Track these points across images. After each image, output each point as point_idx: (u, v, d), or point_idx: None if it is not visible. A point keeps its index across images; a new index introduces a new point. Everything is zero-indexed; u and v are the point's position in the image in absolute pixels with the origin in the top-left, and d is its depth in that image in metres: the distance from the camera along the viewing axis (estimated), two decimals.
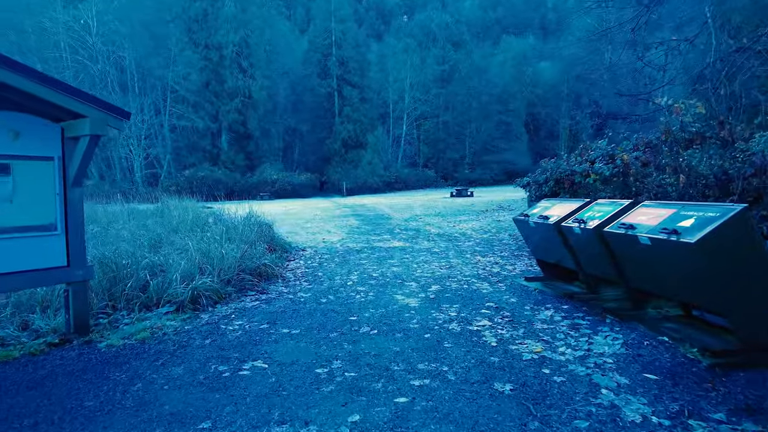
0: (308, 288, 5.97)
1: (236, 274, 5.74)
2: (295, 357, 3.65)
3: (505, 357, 3.55)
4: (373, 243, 10.14)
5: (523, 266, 7.27)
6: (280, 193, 33.44)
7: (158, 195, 13.34)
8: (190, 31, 35.49)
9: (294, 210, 19.78)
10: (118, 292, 4.88)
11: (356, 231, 12.30)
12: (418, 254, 8.55)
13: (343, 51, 40.50)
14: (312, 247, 9.59)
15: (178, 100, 34.44)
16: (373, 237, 11.11)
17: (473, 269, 7.03)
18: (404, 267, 7.27)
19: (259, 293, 5.64)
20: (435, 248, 9.21)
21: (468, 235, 11.10)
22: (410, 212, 17.14)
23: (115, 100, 31.59)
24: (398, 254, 8.58)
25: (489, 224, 13.04)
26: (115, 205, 14.47)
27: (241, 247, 6.32)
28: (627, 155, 7.00)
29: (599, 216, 4.66)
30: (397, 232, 12.01)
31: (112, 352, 3.80)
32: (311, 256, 8.51)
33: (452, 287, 5.87)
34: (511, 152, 40.79)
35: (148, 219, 11.07)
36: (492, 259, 7.97)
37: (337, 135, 39.89)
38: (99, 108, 3.77)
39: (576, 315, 4.59)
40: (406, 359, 3.55)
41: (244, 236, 8.18)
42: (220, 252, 5.95)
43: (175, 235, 8.78)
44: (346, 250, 9.14)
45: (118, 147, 32.41)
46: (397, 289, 5.80)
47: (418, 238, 10.80)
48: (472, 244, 9.69)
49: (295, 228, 13.33)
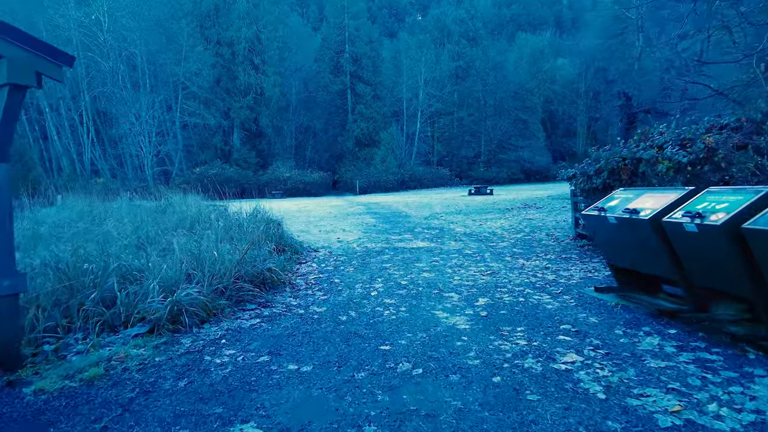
0: (323, 300, 4.70)
1: (233, 281, 4.49)
2: (306, 416, 2.38)
3: (630, 424, 2.24)
4: (394, 243, 8.86)
5: (580, 272, 5.93)
6: (292, 192, 32.32)
7: (163, 192, 12.20)
8: (202, 27, 34.54)
9: (306, 208, 18.59)
10: (75, 307, 3.66)
11: (373, 230, 11.03)
12: (448, 256, 7.24)
13: (356, 47, 39.27)
14: (326, 248, 8.34)
15: (190, 96, 33.48)
16: (392, 236, 9.83)
17: (521, 276, 5.70)
18: (437, 273, 5.98)
19: (261, 306, 4.38)
20: (466, 249, 7.90)
21: (500, 235, 9.77)
22: (429, 210, 15.82)
23: (126, 97, 30.79)
24: (425, 256, 7.28)
25: (519, 223, 11.68)
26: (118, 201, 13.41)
27: (240, 247, 5.07)
28: (711, 138, 5.65)
29: (724, 208, 3.31)
30: (418, 231, 10.72)
31: (38, 404, 2.57)
32: (325, 258, 7.25)
33: (505, 300, 4.56)
34: (527, 150, 39.14)
35: (147, 216, 9.94)
36: (538, 263, 6.63)
37: (350, 133, 38.66)
38: (23, 46, 2.54)
39: (694, 345, 3.26)
40: (476, 425, 2.26)
41: (247, 235, 6.96)
42: (213, 254, 4.69)
43: (171, 233, 7.62)
44: (365, 251, 7.88)
45: (129, 144, 31.56)
46: (435, 303, 4.50)
47: (443, 238, 9.50)
48: (508, 245, 8.35)
49: (307, 226, 12.11)
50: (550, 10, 65.88)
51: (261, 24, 35.36)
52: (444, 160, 40.85)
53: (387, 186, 34.71)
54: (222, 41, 34.63)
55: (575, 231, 8.88)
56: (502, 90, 40.81)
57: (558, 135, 44.47)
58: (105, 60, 31.28)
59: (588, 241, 8.27)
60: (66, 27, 30.61)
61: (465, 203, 18.08)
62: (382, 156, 36.97)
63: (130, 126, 30.19)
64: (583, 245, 8.17)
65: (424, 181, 36.45)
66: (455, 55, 40.82)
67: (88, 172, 32.72)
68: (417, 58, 39.02)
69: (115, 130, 31.40)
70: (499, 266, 6.40)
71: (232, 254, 4.97)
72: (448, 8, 43.54)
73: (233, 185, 32.11)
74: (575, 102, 45.07)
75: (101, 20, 30.53)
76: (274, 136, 36.35)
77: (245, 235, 7.02)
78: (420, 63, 38.77)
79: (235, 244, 6.12)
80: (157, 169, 32.96)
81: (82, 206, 12.04)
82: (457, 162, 40.74)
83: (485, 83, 40.52)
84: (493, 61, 41.54)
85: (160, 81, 32.95)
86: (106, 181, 30.88)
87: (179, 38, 32.48)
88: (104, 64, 31.29)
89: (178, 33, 32.59)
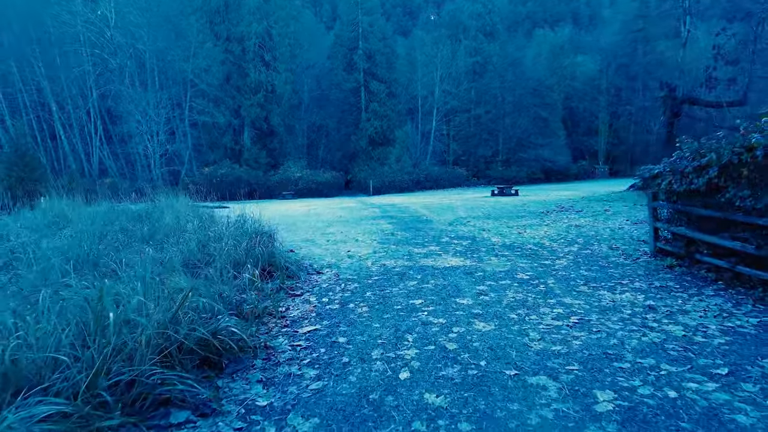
0: (314, 393, 2.62)
1: (156, 359, 2.44)
2: None
3: None
4: (420, 260, 6.78)
5: (709, 316, 3.78)
6: (303, 192, 30.41)
7: (163, 193, 10.32)
8: (212, 24, 32.74)
9: (316, 210, 16.59)
10: None
11: (391, 239, 8.95)
12: (498, 284, 5.13)
13: (370, 44, 37.12)
14: (333, 266, 6.29)
15: (199, 94, 31.72)
16: (416, 249, 7.75)
17: (629, 327, 3.57)
18: (496, 321, 3.85)
19: (196, 416, 2.31)
20: (519, 272, 5.77)
21: (549, 248, 7.61)
22: (452, 214, 13.68)
23: (133, 95, 29.15)
24: (466, 284, 5.18)
25: (566, 231, 9.49)
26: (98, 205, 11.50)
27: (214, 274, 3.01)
28: None
29: None
30: (446, 241, 8.60)
31: None
32: (330, 287, 5.19)
33: (647, 401, 2.43)
34: (548, 149, 36.54)
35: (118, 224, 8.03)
36: (630, 296, 4.50)
37: (364, 131, 36.54)
38: None
39: None
40: None
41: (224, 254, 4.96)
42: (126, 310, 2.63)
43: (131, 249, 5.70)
44: (383, 273, 5.81)
45: (137, 143, 29.94)
46: (520, 408, 2.39)
47: (479, 252, 7.38)
48: (570, 264, 6.21)
49: (313, 234, 10.07)
50: (567, 6, 62.97)
51: (272, 19, 33.48)
52: (460, 159, 38.51)
53: (401, 186, 32.58)
54: (232, 37, 32.84)
55: (655, 245, 6.68)
56: (521, 86, 38.29)
57: (579, 133, 41.80)
58: (112, 57, 29.71)
59: (677, 260, 6.09)
60: (73, 23, 29.11)
61: (491, 205, 15.88)
62: (397, 155, 34.82)
63: (137, 124, 28.53)
64: (671, 265, 5.99)
65: (440, 182, 34.21)
66: (472, 51, 38.42)
67: (97, 172, 31.25)
68: (433, 54, 36.76)
69: (122, 129, 29.80)
70: (581, 304, 4.27)
71: (172, 301, 2.92)
72: (463, 3, 41.07)
73: (243, 186, 30.35)
74: (596, 99, 42.36)
75: (108, 16, 28.93)
76: (285, 134, 34.45)
77: (222, 253, 5.01)
78: (436, 59, 36.51)
79: (199, 271, 4.11)
80: (166, 169, 31.30)
81: (59, 210, 10.21)
82: (474, 161, 38.36)
83: (503, 80, 38.06)
84: (511, 56, 39.06)
85: (168, 78, 31.29)
86: (114, 181, 29.33)
87: (188, 34, 30.76)
88: (111, 61, 29.74)
89: (187, 29, 30.87)
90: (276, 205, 21.92)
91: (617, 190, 18.28)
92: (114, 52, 29.69)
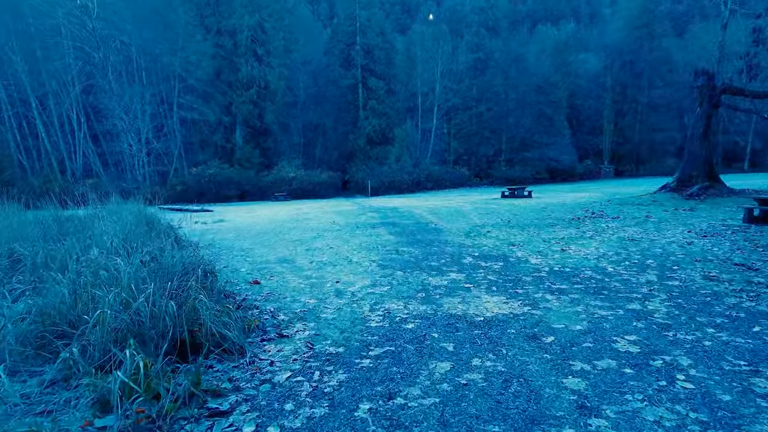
0: None
1: None
2: None
3: None
4: (442, 300, 4.40)
5: None
6: (297, 193, 27.98)
7: (91, 196, 7.80)
8: (201, 16, 30.25)
9: (306, 215, 14.20)
10: None
11: (396, 259, 6.56)
12: (594, 368, 2.74)
13: (368, 39, 34.68)
14: (309, 316, 3.90)
15: (188, 90, 29.24)
16: (431, 279, 5.37)
17: None
18: None
19: None
20: (605, 330, 3.38)
21: (618, 276, 5.24)
22: (465, 221, 11.27)
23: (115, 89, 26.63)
24: (538, 368, 2.81)
25: (619, 246, 7.10)
26: (48, 210, 9.06)
27: None
28: None
29: None
30: (469, 262, 6.22)
31: None
32: (290, 387, 2.78)
33: None
34: (553, 148, 34.17)
35: (12, 243, 5.63)
36: None
37: (362, 130, 34.10)
38: None
39: None
40: None
41: (107, 318, 2.54)
42: None
43: None
44: (389, 336, 3.41)
45: (122, 142, 27.42)
46: None
47: (523, 283, 5.02)
48: (673, 311, 3.83)
49: (294, 250, 7.63)
50: (568, 5, 60.59)
51: (265, 12, 30.99)
52: (461, 158, 36.11)
53: (401, 187, 30.19)
54: (223, 30, 30.35)
55: None
56: (524, 83, 35.90)
57: (583, 132, 39.45)
58: (95, 50, 27.19)
59: None
60: (53, 14, 26.56)
61: (506, 210, 13.49)
62: (397, 154, 32.42)
63: (120, 121, 26.01)
64: None
65: (442, 182, 31.83)
66: (474, 47, 36.02)
67: (81, 172, 28.71)
68: (433, 49, 34.36)
69: (106, 126, 27.28)
70: None
71: None
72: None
73: (233, 186, 27.82)
74: (601, 96, 40.07)
75: (88, 6, 26.38)
76: (280, 133, 31.99)
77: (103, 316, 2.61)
78: (436, 55, 34.12)
79: None
80: (154, 169, 28.79)
81: None
82: (476, 161, 35.98)
83: (506, 76, 35.67)
84: (514, 53, 36.65)
85: (155, 73, 28.76)
86: (97, 182, 26.81)
87: (176, 27, 28.25)
88: (95, 54, 27.21)
89: (174, 21, 28.36)
90: (265, 208, 19.48)
91: (640, 192, 15.93)
92: (97, 45, 27.17)
